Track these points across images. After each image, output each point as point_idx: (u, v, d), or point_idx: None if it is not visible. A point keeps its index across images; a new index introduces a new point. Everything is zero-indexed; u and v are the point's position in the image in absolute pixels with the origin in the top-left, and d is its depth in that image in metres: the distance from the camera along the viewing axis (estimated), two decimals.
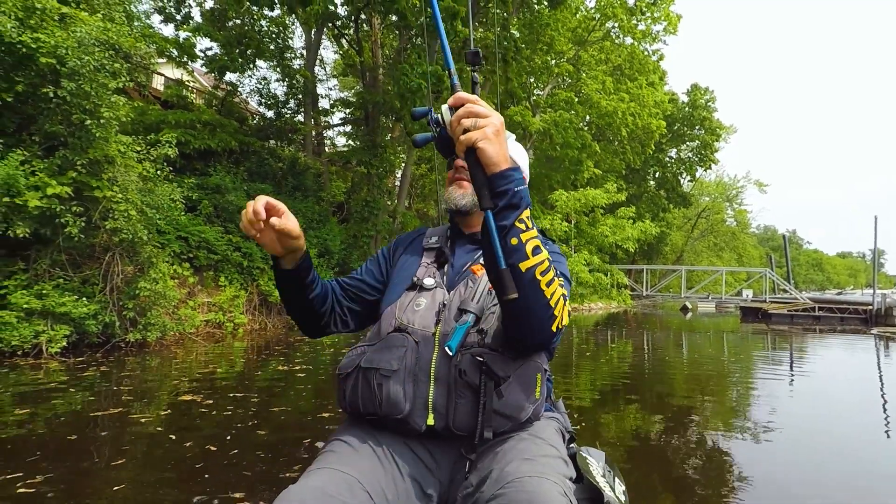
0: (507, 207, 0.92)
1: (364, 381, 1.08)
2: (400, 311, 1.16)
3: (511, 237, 0.92)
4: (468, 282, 1.18)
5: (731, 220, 46.18)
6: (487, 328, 1.09)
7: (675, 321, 18.72)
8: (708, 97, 33.29)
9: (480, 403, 1.02)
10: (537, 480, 0.90)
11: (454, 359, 1.05)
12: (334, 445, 1.07)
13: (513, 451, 1.01)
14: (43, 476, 2.63)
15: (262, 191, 11.96)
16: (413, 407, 1.04)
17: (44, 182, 6.02)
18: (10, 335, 5.90)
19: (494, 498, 0.89)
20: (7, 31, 5.52)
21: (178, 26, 14.16)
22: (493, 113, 0.93)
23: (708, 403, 5.05)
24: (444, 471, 1.08)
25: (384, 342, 1.11)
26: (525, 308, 0.95)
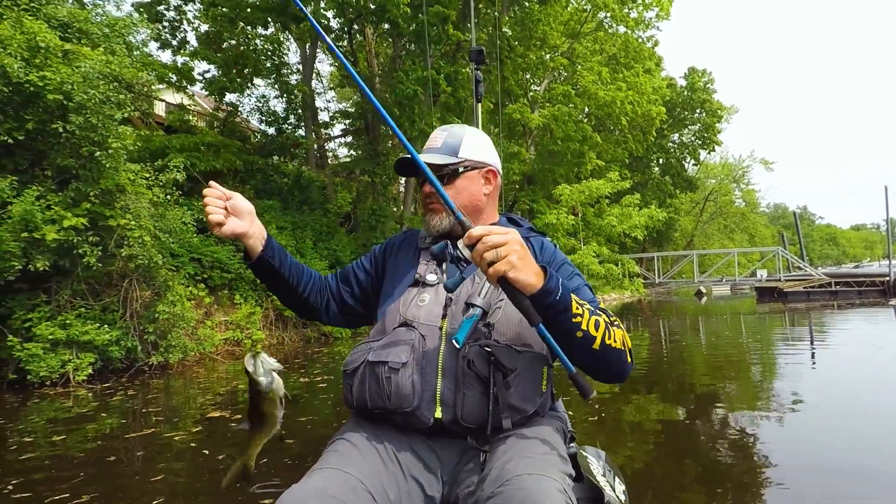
0: (559, 314, 0.96)
1: (371, 375, 1.08)
2: (404, 306, 1.17)
3: (575, 332, 0.97)
4: (474, 277, 1.18)
5: (739, 200, 45.79)
6: (494, 322, 1.10)
7: (690, 307, 18.62)
8: (706, 79, 33.10)
9: (490, 394, 1.03)
10: (537, 478, 0.90)
11: (462, 350, 1.05)
12: (337, 445, 1.08)
13: (513, 450, 1.01)
14: (88, 495, 2.75)
15: (269, 207, 12.12)
16: (421, 400, 1.05)
17: (59, 215, 6.17)
18: (37, 366, 6.04)
19: (494, 496, 0.89)
20: (14, 71, 5.67)
21: (175, 52, 14.39)
22: (509, 238, 0.93)
23: (729, 387, 5.05)
24: (447, 470, 1.08)
25: (390, 337, 1.12)
26: (607, 365, 1.04)
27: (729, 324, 11.83)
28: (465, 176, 1.27)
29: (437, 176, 1.20)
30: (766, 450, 3.11)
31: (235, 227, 1.13)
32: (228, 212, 1.13)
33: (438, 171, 1.22)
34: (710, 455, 3.10)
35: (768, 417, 3.80)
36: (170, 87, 14.18)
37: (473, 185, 1.28)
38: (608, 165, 23.05)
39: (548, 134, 21.83)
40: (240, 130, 15.51)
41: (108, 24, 7.46)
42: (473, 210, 1.27)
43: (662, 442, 3.40)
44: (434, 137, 1.30)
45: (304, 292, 1.30)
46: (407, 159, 1.22)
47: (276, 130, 16.07)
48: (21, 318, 6.27)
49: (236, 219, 1.14)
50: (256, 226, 1.17)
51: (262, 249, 1.19)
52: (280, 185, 13.90)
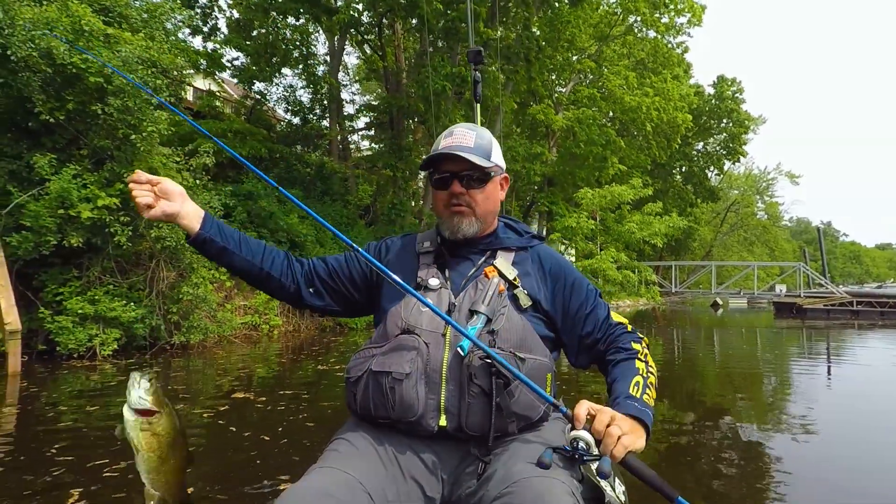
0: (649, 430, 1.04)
1: (375, 385, 1.08)
2: (405, 311, 1.15)
3: None
4: (478, 284, 1.17)
5: (761, 213, 45.06)
6: (499, 329, 1.10)
7: (705, 318, 18.44)
8: (735, 88, 32.56)
9: (493, 404, 1.03)
10: (545, 480, 0.90)
11: (466, 358, 1.05)
12: (337, 445, 1.08)
13: (519, 453, 1.02)
14: (125, 462, 2.92)
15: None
16: (425, 409, 1.05)
17: (94, 194, 6.36)
18: (66, 339, 6.26)
19: (501, 497, 0.90)
20: (60, 53, 5.86)
21: (205, 38, 14.63)
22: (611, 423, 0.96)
23: (741, 400, 5.04)
24: (448, 471, 1.08)
25: (393, 344, 1.11)
26: None
27: (745, 337, 11.71)
28: (494, 181, 1.26)
29: (471, 177, 1.21)
30: (772, 463, 3.12)
31: (165, 208, 1.14)
32: (157, 195, 1.14)
33: (477, 171, 1.21)
34: (714, 464, 3.13)
35: (778, 431, 3.80)
36: (198, 72, 14.41)
37: (496, 192, 1.28)
38: (630, 171, 22.86)
39: (571, 136, 21.72)
40: (265, 119, 15.73)
41: (148, 9, 7.64)
42: (493, 215, 1.29)
43: (668, 449, 3.43)
44: (462, 135, 1.24)
45: (264, 268, 1.25)
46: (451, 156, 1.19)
47: (301, 120, 16.26)
48: (53, 291, 6.50)
49: (166, 201, 1.14)
50: (189, 206, 1.18)
51: (200, 227, 1.19)
52: (303, 175, 14.08)
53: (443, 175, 1.23)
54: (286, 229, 10.96)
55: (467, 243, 1.26)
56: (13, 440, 3.41)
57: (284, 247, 10.85)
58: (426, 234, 1.35)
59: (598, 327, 1.24)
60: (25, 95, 6.03)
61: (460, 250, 1.27)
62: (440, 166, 1.24)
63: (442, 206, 1.25)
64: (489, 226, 1.28)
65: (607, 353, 1.21)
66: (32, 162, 6.15)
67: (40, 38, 5.76)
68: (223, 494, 2.55)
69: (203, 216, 1.21)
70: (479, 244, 1.27)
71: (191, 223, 1.18)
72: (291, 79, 22.05)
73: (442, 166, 1.23)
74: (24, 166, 6.26)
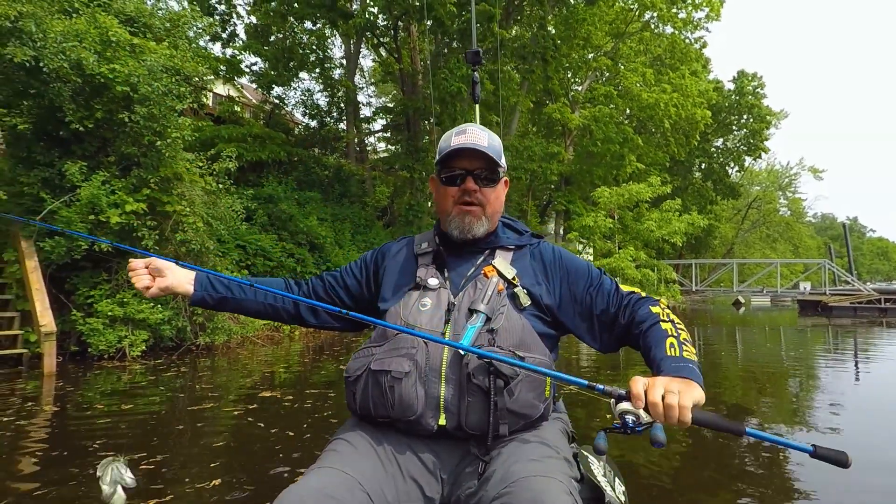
0: None
1: (375, 384, 1.08)
2: (405, 310, 1.15)
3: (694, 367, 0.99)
4: (477, 283, 1.17)
5: (784, 209, 44.15)
6: (498, 328, 1.09)
7: (727, 316, 18.17)
8: (756, 83, 31.98)
9: (492, 402, 1.03)
10: (543, 480, 0.90)
11: (465, 357, 1.05)
12: (336, 445, 1.08)
13: (518, 452, 1.01)
14: (161, 456, 3.07)
15: (311, 199, 12.45)
16: (425, 408, 1.05)
17: (122, 200, 6.56)
18: (97, 340, 6.46)
19: (500, 497, 0.89)
20: (90, 64, 6.05)
21: (224, 44, 14.91)
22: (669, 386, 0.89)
23: (764, 399, 4.99)
24: (447, 471, 1.08)
25: (392, 343, 1.11)
26: None
27: (768, 336, 11.53)
28: (501, 182, 1.28)
29: (486, 178, 1.22)
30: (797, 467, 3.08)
31: (160, 284, 1.28)
32: (153, 275, 1.29)
33: (490, 170, 1.22)
34: (737, 467, 3.11)
35: (803, 433, 3.75)
36: (218, 78, 14.69)
37: (503, 192, 1.30)
38: (648, 168, 22.62)
39: (588, 135, 21.59)
40: (284, 122, 15.96)
41: (170, 18, 7.84)
42: (499, 216, 1.30)
43: (689, 451, 3.42)
44: (475, 134, 1.22)
45: (267, 301, 1.35)
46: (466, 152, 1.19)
47: (318, 123, 16.46)
48: (84, 294, 6.72)
49: (160, 278, 1.29)
50: (179, 275, 1.31)
51: (193, 290, 1.31)
52: (321, 177, 14.25)
53: (456, 172, 1.21)
54: (305, 231, 11.12)
55: (466, 243, 1.25)
56: (54, 435, 3.57)
57: (304, 248, 11.03)
58: (424, 236, 1.34)
59: (610, 302, 1.20)
60: (57, 105, 6.24)
61: (459, 250, 1.26)
62: (452, 163, 1.22)
63: (451, 203, 1.23)
64: (494, 226, 1.28)
65: (631, 329, 1.17)
66: (64, 169, 6.36)
67: (70, 50, 5.96)
68: (249, 485, 2.68)
69: (194, 278, 1.33)
70: (477, 244, 1.26)
71: (186, 289, 1.31)
72: (308, 83, 22.32)
73: (455, 163, 1.22)
74: (56, 174, 6.48)
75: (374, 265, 1.35)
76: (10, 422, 3.84)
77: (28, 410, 4.22)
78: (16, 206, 6.41)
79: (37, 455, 3.13)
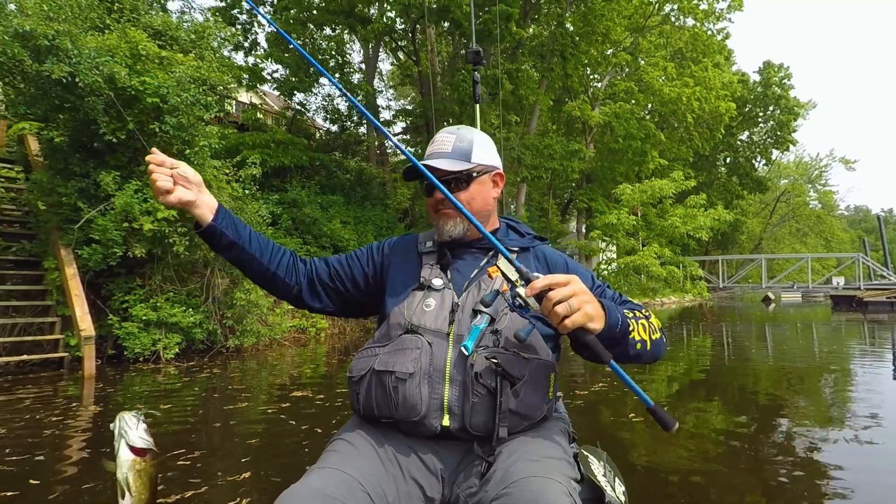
0: (621, 339, 1.06)
1: (378, 385, 1.08)
2: (409, 311, 1.15)
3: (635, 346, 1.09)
4: (480, 283, 1.17)
5: (814, 202, 42.99)
6: (502, 329, 1.09)
7: (756, 313, 17.77)
8: (783, 74, 31.23)
9: (497, 403, 1.03)
10: (542, 480, 0.90)
11: (469, 359, 1.05)
12: (337, 445, 1.08)
13: (518, 452, 1.01)
14: (198, 452, 3.22)
15: (334, 202, 12.64)
16: (429, 409, 1.05)
17: (154, 207, 6.77)
18: (133, 343, 6.69)
19: (499, 497, 0.89)
20: (122, 77, 6.28)
21: (247, 53, 15.24)
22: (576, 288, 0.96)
23: (795, 399, 4.87)
24: (448, 471, 1.08)
25: (396, 344, 1.11)
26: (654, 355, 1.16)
27: (800, 332, 11.25)
28: (479, 181, 1.25)
29: (451, 181, 1.21)
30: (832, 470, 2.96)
31: (182, 196, 1.11)
32: (175, 180, 1.11)
33: (453, 176, 1.22)
34: (769, 469, 3.06)
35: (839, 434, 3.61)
36: (242, 86, 15.02)
37: (486, 190, 1.27)
38: (671, 164, 22.29)
39: (608, 131, 21.39)
40: (305, 128, 16.23)
41: (195, 30, 8.07)
42: (485, 214, 1.27)
43: (721, 451, 3.38)
44: (442, 141, 1.26)
45: (271, 267, 1.24)
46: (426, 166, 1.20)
47: (339, 128, 16.68)
48: (119, 299, 6.96)
49: (183, 188, 1.12)
50: (205, 195, 1.16)
51: (213, 219, 1.16)
52: (343, 181, 14.44)
53: (426, 183, 1.23)
54: (329, 235, 11.29)
55: (468, 244, 1.26)
56: (98, 433, 3.73)
57: (328, 252, 11.19)
58: (428, 234, 1.33)
59: None
60: (91, 118, 6.48)
61: (462, 251, 1.26)
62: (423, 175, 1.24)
63: (431, 211, 1.28)
64: (487, 224, 1.27)
65: None
66: (99, 179, 6.61)
67: (103, 65, 6.19)
68: (276, 476, 2.80)
69: (216, 207, 1.18)
70: (480, 244, 1.26)
71: (204, 213, 1.16)
72: (329, 88, 22.62)
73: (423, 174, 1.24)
74: (91, 184, 6.74)
75: (381, 258, 1.33)
76: (59, 421, 4.03)
77: (73, 410, 4.41)
78: (55, 216, 6.69)
79: (85, 452, 3.29)
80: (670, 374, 6.13)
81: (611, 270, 20.79)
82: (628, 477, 1.38)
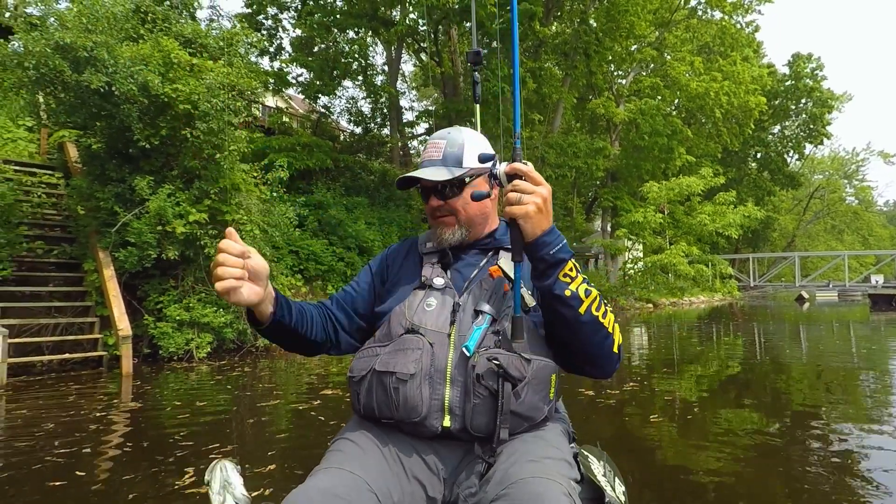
0: (549, 266, 1.01)
1: (379, 385, 1.07)
2: (410, 310, 1.14)
3: (564, 290, 1.01)
4: (482, 283, 1.17)
5: (851, 198, 41.50)
6: (503, 329, 1.08)
7: (789, 313, 17.27)
8: (814, 65, 30.26)
9: (498, 405, 1.02)
10: (542, 481, 0.90)
11: (471, 360, 1.04)
12: (340, 445, 1.07)
13: (518, 453, 1.00)
14: (231, 446, 3.35)
15: (358, 204, 12.79)
16: (430, 410, 1.04)
17: (186, 210, 6.98)
18: (167, 343, 6.90)
19: (498, 498, 0.89)
20: (155, 86, 6.49)
21: (272, 58, 15.55)
22: (537, 189, 0.98)
23: (833, 403, 4.71)
24: (449, 472, 1.08)
25: (397, 344, 1.10)
26: (591, 340, 1.06)
27: (836, 333, 10.89)
28: (472, 185, 1.24)
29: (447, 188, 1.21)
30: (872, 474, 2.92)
31: (251, 296, 0.98)
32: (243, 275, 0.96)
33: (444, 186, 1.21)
34: (806, 475, 2.98)
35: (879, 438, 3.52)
36: (268, 91, 15.32)
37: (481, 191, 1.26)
38: (699, 161, 21.84)
39: (634, 128, 21.07)
40: (329, 130, 16.47)
41: (224, 37, 8.28)
42: (483, 217, 1.26)
43: (755, 455, 3.31)
44: (433, 147, 1.25)
45: (313, 337, 1.20)
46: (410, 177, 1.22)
47: (363, 130, 16.87)
48: (154, 299, 7.19)
49: (253, 285, 0.98)
50: (270, 287, 1.05)
51: (274, 310, 1.07)
52: (367, 183, 14.60)
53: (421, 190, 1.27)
54: (354, 236, 11.44)
55: (469, 245, 1.26)
56: (137, 428, 3.89)
57: (353, 252, 11.34)
58: (428, 235, 1.32)
59: None
60: (126, 125, 6.71)
61: (462, 251, 1.26)
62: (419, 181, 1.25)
63: (430, 218, 1.27)
64: (480, 228, 1.27)
65: None
66: (134, 184, 6.84)
67: (138, 73, 6.41)
68: (299, 469, 2.90)
69: (275, 295, 1.08)
70: (480, 244, 1.26)
71: (267, 307, 1.06)
72: (352, 90, 22.89)
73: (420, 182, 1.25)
74: (127, 188, 6.98)
75: (382, 270, 1.32)
76: (102, 416, 4.20)
77: (114, 406, 4.60)
78: (93, 220, 6.96)
79: (126, 446, 3.43)
80: (699, 374, 6.03)
81: (637, 269, 20.48)
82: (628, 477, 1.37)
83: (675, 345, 8.91)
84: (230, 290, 0.94)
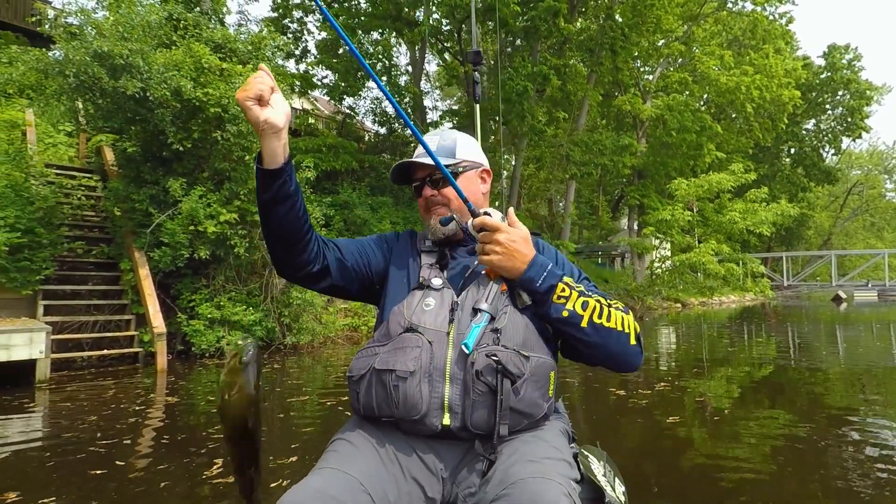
0: (541, 297, 1.11)
1: (379, 383, 1.08)
2: (408, 310, 1.15)
3: (557, 314, 1.10)
4: (479, 282, 1.18)
5: (891, 193, 39.86)
6: (501, 327, 1.09)
7: (825, 313, 16.70)
8: (851, 56, 29.17)
9: (497, 402, 1.03)
10: (541, 481, 0.90)
11: (470, 357, 1.05)
12: (337, 445, 1.08)
13: (517, 453, 1.01)
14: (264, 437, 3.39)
15: (383, 203, 12.91)
16: (429, 408, 1.05)
17: (217, 211, 7.17)
18: (199, 340, 7.11)
19: (498, 499, 0.89)
20: (188, 91, 6.69)
21: (298, 61, 15.81)
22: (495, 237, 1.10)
23: (872, 408, 4.55)
24: (448, 471, 1.08)
25: (396, 343, 1.11)
26: (599, 346, 1.11)
27: (876, 334, 10.50)
28: (465, 176, 1.28)
29: (436, 178, 1.26)
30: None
31: (271, 116, 1.01)
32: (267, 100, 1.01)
33: (437, 173, 1.24)
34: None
35: None
36: (294, 93, 15.59)
37: (473, 185, 1.30)
38: (730, 156, 21.30)
39: (661, 125, 20.69)
40: (354, 131, 16.66)
41: (252, 42, 8.47)
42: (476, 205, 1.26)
43: (790, 459, 3.24)
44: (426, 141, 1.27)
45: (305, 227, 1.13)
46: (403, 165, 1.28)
47: (387, 130, 17.01)
48: (187, 298, 7.41)
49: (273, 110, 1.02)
50: (286, 130, 1.06)
51: (287, 160, 1.06)
52: (392, 183, 14.71)
53: (415, 183, 1.31)
54: None
55: (465, 242, 1.28)
56: (173, 421, 4.04)
57: None
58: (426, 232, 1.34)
59: None
60: (160, 129, 6.93)
61: (460, 249, 1.28)
62: (412, 177, 1.32)
63: (423, 211, 1.30)
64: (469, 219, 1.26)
65: None
66: (167, 186, 7.06)
67: (171, 79, 6.61)
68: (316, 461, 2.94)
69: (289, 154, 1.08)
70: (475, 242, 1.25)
71: (279, 150, 1.04)
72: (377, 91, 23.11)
73: (413, 176, 1.32)
74: (161, 191, 7.21)
75: (388, 249, 1.33)
76: (141, 410, 4.37)
77: (151, 400, 4.78)
78: (129, 221, 7.21)
79: (163, 438, 3.57)
80: (729, 374, 5.90)
81: (665, 268, 20.11)
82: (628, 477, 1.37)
83: (705, 345, 8.72)
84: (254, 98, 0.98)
